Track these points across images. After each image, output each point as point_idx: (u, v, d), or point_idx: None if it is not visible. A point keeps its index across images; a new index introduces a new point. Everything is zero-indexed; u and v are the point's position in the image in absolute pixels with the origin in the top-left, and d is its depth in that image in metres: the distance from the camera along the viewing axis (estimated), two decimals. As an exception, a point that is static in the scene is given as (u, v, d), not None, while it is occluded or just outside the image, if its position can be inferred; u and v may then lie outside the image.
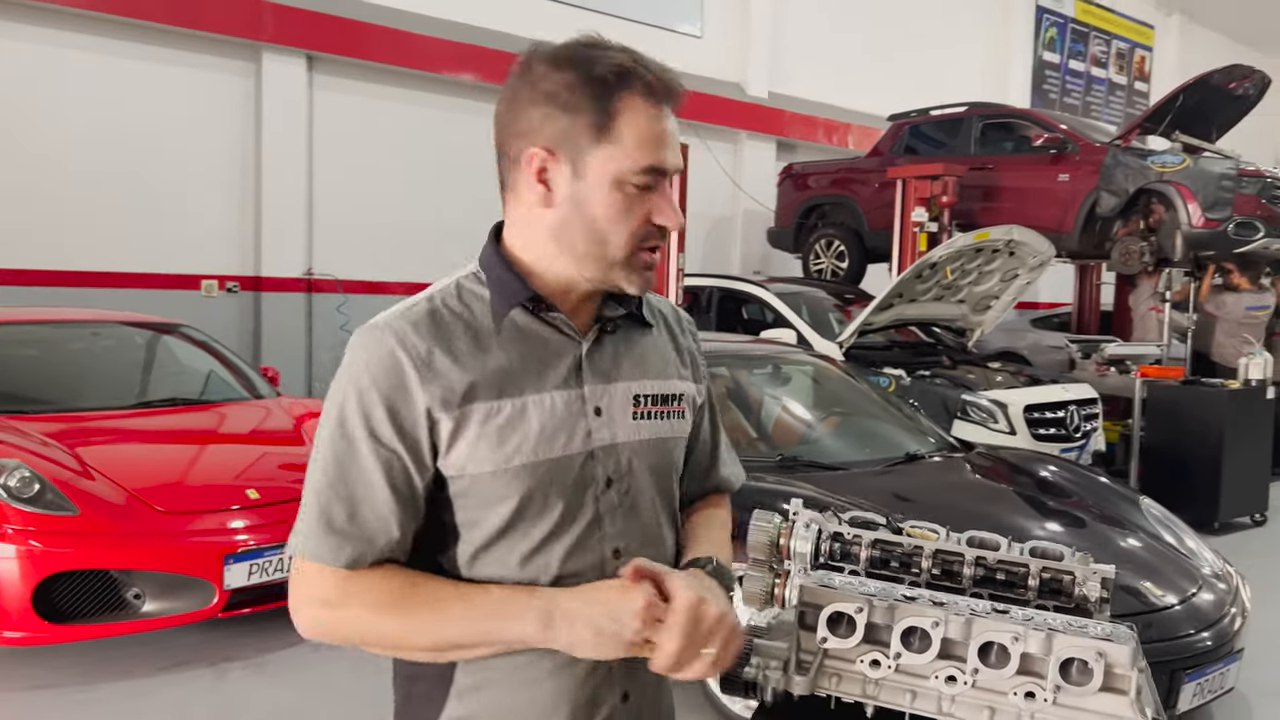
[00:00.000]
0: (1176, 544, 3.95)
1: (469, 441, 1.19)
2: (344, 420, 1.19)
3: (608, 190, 1.20)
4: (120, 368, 5.43)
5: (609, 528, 1.28)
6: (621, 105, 1.19)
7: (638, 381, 1.33)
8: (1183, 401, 6.99)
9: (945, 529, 1.65)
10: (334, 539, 1.17)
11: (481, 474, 1.20)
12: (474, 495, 1.21)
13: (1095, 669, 1.27)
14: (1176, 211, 7.84)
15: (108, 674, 3.94)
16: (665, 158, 1.22)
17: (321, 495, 1.18)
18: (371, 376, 1.19)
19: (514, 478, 1.21)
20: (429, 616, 1.18)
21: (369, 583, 1.18)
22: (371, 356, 1.20)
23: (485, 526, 1.22)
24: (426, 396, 1.18)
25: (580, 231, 1.22)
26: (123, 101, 7.61)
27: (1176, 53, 18.04)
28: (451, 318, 1.24)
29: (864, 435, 4.78)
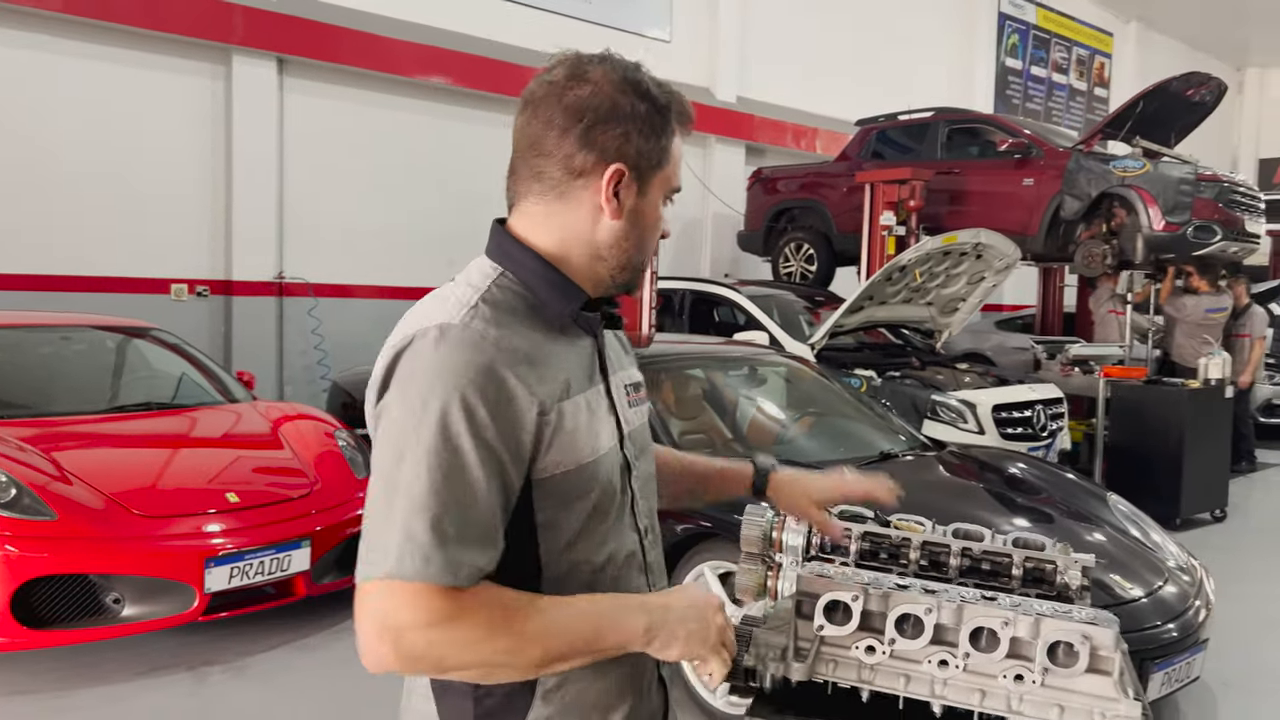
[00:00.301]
0: (1143, 538, 4.06)
1: (560, 440, 1.22)
2: (448, 427, 1.13)
3: (656, 206, 1.34)
4: (93, 372, 5.39)
5: (640, 507, 1.39)
6: (674, 131, 1.32)
7: (625, 372, 1.44)
8: (1145, 401, 7.15)
9: (931, 521, 1.72)
10: (445, 555, 1.10)
11: (569, 472, 1.24)
12: (560, 494, 1.24)
13: (1081, 651, 1.33)
14: (1138, 215, 8.01)
15: (86, 679, 3.91)
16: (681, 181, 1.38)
17: (428, 510, 1.11)
18: (472, 380, 1.15)
19: (592, 472, 1.27)
20: (541, 629, 1.15)
21: (478, 600, 1.13)
22: (467, 359, 1.16)
23: (570, 523, 1.26)
24: (530, 397, 1.19)
25: (634, 241, 1.32)
26: (90, 104, 7.54)
27: (1135, 59, 18.38)
28: (512, 318, 1.24)
29: (838, 435, 4.86)
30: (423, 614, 1.10)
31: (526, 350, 1.22)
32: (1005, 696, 1.36)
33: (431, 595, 1.10)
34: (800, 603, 1.47)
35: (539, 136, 1.27)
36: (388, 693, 1.52)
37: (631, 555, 1.36)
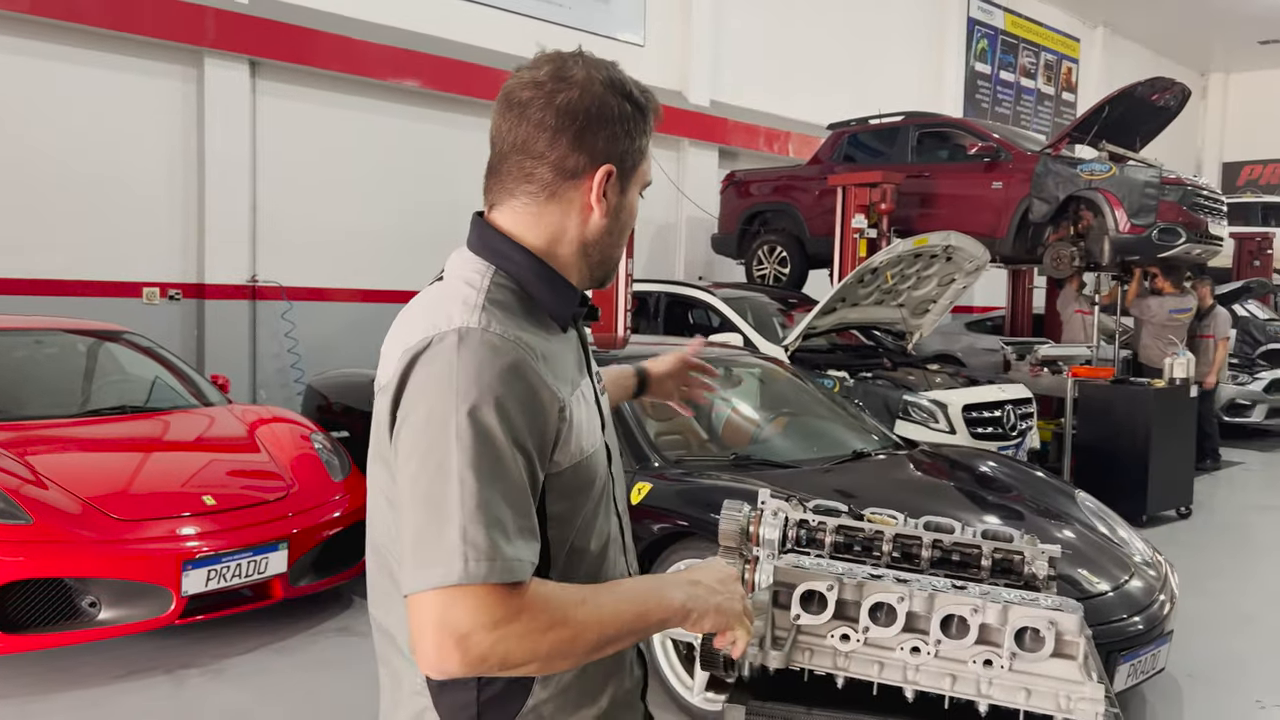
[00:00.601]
0: (1109, 534, 4.14)
1: (571, 435, 1.26)
2: (486, 431, 1.13)
3: (634, 202, 1.39)
4: (66, 376, 5.36)
5: (619, 492, 1.46)
6: (649, 130, 1.38)
7: (594, 363, 1.49)
8: (1112, 400, 7.27)
9: (903, 515, 1.77)
10: (504, 555, 1.11)
11: (577, 464, 1.28)
12: (570, 484, 1.28)
13: (1047, 637, 1.38)
14: (1104, 218, 8.14)
15: (62, 683, 3.90)
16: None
17: (482, 514, 1.11)
18: (502, 381, 1.16)
19: (593, 463, 1.32)
20: (594, 616, 1.17)
21: (535, 596, 1.14)
22: (493, 361, 1.17)
23: (572, 514, 1.30)
24: (552, 395, 1.22)
25: (616, 237, 1.38)
26: (61, 107, 7.48)
27: (1101, 64, 18.65)
28: (520, 318, 1.26)
29: (813, 434, 4.92)
30: (486, 615, 1.10)
31: (540, 349, 1.24)
32: (975, 681, 1.41)
33: (494, 596, 1.11)
34: (777, 593, 1.52)
35: (528, 139, 1.29)
36: (365, 694, 1.54)
37: (615, 539, 1.42)
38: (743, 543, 1.79)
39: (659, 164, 10.93)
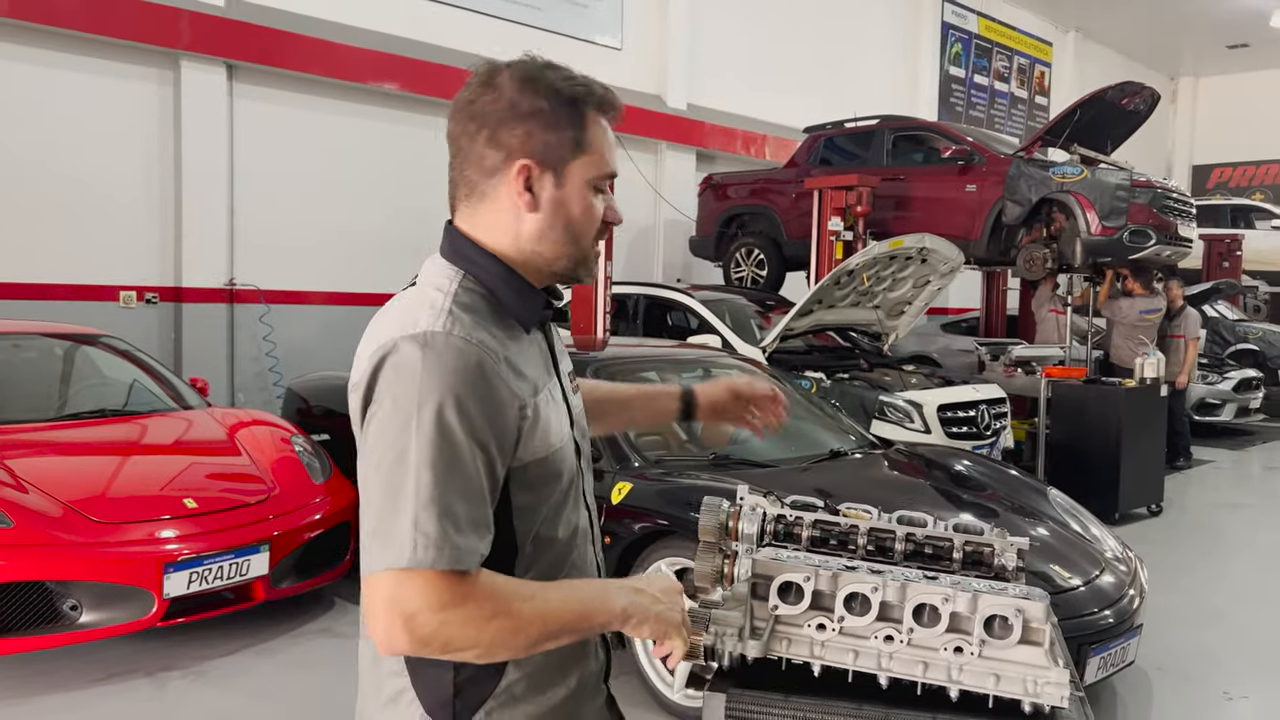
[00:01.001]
0: (1081, 530, 4.22)
1: (535, 432, 1.33)
2: (444, 426, 1.21)
3: (582, 195, 1.39)
4: (45, 379, 5.34)
5: (588, 485, 1.52)
6: (589, 120, 1.38)
7: (564, 362, 1.54)
8: (1084, 400, 7.38)
9: (877, 509, 1.82)
10: (451, 543, 1.19)
11: (542, 459, 1.35)
12: (536, 479, 1.35)
13: (1015, 624, 1.44)
14: (1076, 220, 8.27)
15: (43, 687, 3.90)
16: (617, 164, 1.44)
17: (434, 503, 1.19)
18: (464, 381, 1.23)
19: (558, 459, 1.39)
20: (537, 612, 1.25)
21: (481, 585, 1.21)
22: (455, 363, 1.24)
23: (540, 507, 1.37)
24: (514, 393, 1.29)
25: (562, 232, 1.39)
26: (37, 110, 7.44)
27: (1073, 68, 18.88)
28: (484, 321, 1.33)
29: (790, 434, 4.97)
30: (434, 598, 1.18)
31: (502, 350, 1.31)
32: (946, 667, 1.46)
33: (441, 581, 1.18)
34: (756, 585, 1.57)
35: (456, 142, 1.39)
36: (348, 694, 1.58)
37: (584, 530, 1.49)
38: (722, 538, 1.84)
39: (636, 167, 10.98)
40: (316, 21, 8.69)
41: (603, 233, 1.44)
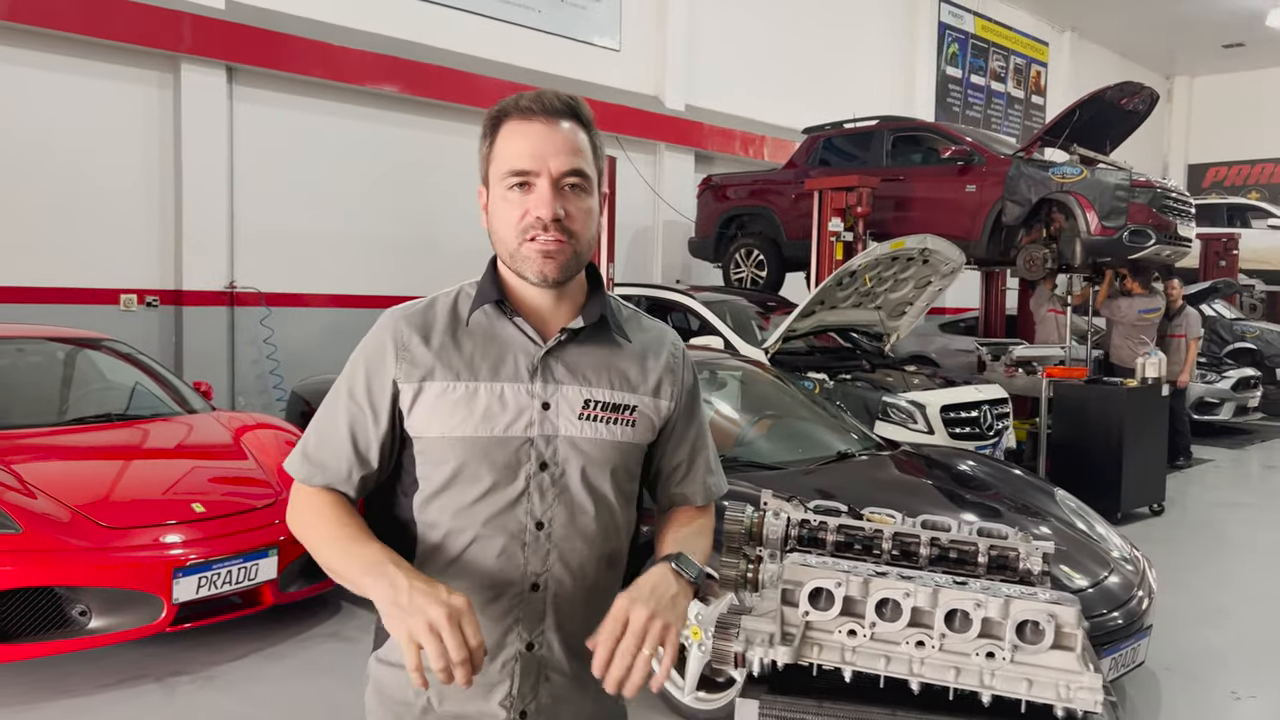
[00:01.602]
0: (1088, 531, 4.23)
1: (424, 410, 1.50)
2: (339, 381, 1.57)
3: (499, 198, 1.51)
4: (48, 383, 5.33)
5: (536, 503, 1.52)
6: (501, 131, 1.51)
7: (591, 388, 1.54)
8: (1086, 400, 7.39)
9: (901, 514, 1.83)
10: (300, 459, 1.57)
11: (432, 438, 1.50)
12: (426, 455, 1.51)
13: (1047, 629, 1.44)
14: (1076, 220, 8.28)
15: (53, 692, 3.89)
16: (529, 162, 1.47)
17: (308, 430, 1.58)
18: (365, 351, 1.55)
19: (454, 445, 1.49)
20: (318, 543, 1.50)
21: (307, 501, 1.55)
22: (373, 338, 1.55)
23: (432, 481, 1.51)
24: (395, 369, 1.51)
25: (497, 234, 1.53)
26: (38, 113, 7.42)
27: (1069, 68, 18.90)
28: (439, 312, 1.56)
29: (797, 436, 4.98)
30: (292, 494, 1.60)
31: (422, 336, 1.52)
32: (978, 673, 1.46)
33: (297, 487, 1.59)
34: (785, 591, 1.57)
35: None
36: (356, 698, 1.62)
37: (511, 535, 1.52)
38: (746, 543, 1.84)
39: (635, 168, 10.99)
40: (316, 24, 8.68)
41: (534, 227, 1.47)
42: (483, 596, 1.50)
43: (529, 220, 1.46)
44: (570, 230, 1.49)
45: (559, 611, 1.55)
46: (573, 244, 1.50)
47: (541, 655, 1.55)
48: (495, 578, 1.51)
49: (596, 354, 1.57)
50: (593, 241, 1.56)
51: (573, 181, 1.49)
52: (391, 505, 1.60)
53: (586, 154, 1.52)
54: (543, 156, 1.46)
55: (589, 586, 1.58)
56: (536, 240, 1.47)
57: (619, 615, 1.41)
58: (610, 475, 1.58)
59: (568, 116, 1.51)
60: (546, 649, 1.55)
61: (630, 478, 1.64)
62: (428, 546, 1.53)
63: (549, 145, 1.47)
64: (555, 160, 1.47)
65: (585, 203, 1.51)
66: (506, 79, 9.59)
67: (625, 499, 1.63)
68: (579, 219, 1.50)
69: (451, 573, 1.50)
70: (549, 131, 1.48)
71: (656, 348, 1.65)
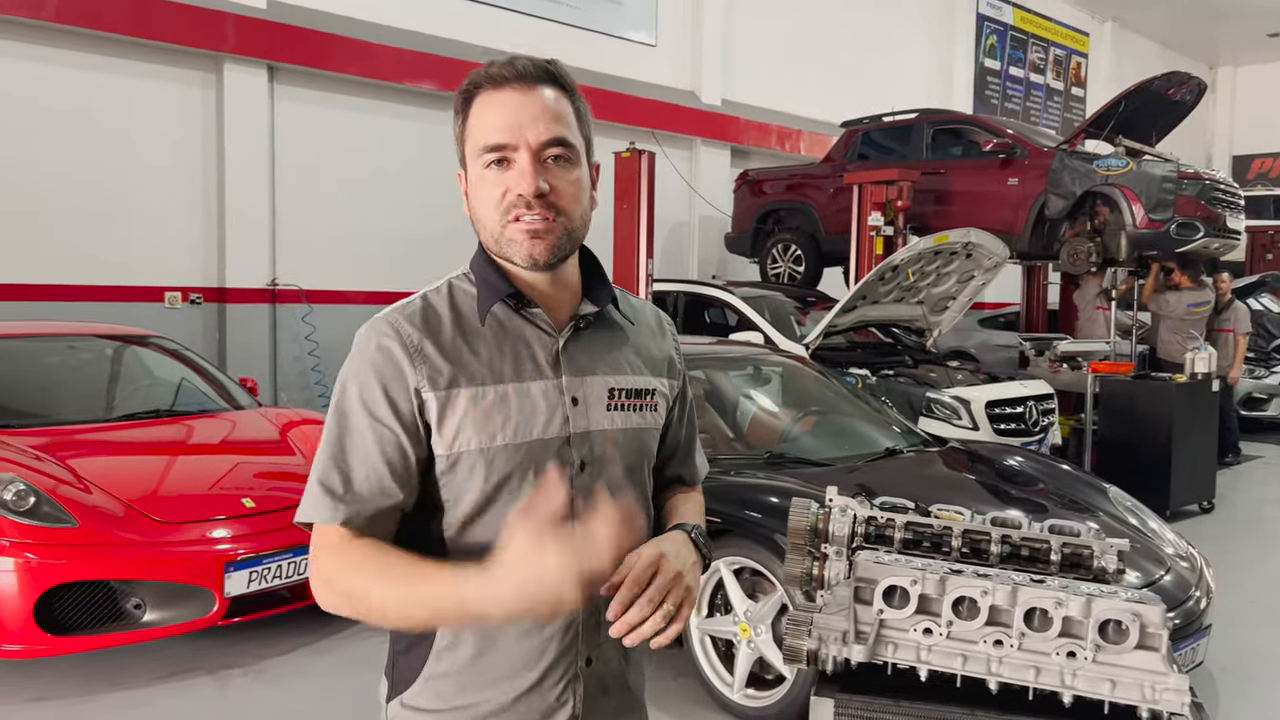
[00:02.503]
0: (1142, 528, 4.16)
1: (456, 421, 1.32)
2: (344, 399, 1.34)
3: (476, 178, 1.38)
4: (99, 380, 5.40)
5: (581, 506, 1.36)
6: (473, 105, 1.38)
7: (613, 376, 1.45)
8: (1133, 395, 7.28)
9: (970, 511, 1.80)
10: (329, 502, 1.30)
11: (468, 451, 1.32)
12: (459, 471, 1.33)
13: (1131, 629, 1.41)
14: (1121, 213, 8.15)
15: (108, 685, 3.94)
16: (505, 134, 1.34)
17: (321, 465, 1.33)
18: (369, 360, 1.34)
19: (496, 456, 1.33)
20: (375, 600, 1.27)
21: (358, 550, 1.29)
22: (370, 344, 1.35)
23: (467, 501, 1.33)
24: (415, 376, 1.32)
25: (477, 220, 1.40)
26: (84, 113, 7.53)
27: (1110, 59, 18.63)
28: (442, 311, 1.39)
29: (841, 433, 4.94)
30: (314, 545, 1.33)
31: (432, 338, 1.35)
32: (1058, 673, 1.44)
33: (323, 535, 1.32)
34: (858, 588, 1.55)
35: None
36: None
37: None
38: (811, 540, 1.82)
39: (671, 164, 10.96)
40: (355, 22, 8.73)
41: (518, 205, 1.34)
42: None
43: (510, 199, 1.33)
44: (557, 206, 1.35)
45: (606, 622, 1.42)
46: (562, 221, 1.36)
47: (599, 670, 1.43)
48: None
49: (608, 339, 1.47)
50: (586, 217, 1.41)
51: (556, 152, 1.35)
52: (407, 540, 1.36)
53: (569, 121, 1.37)
54: (519, 127, 1.33)
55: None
56: (521, 220, 1.34)
57: (650, 563, 1.29)
58: (644, 465, 1.51)
59: (545, 81, 1.36)
60: (602, 661, 1.44)
61: (651, 463, 1.54)
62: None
63: (526, 114, 1.33)
64: (534, 130, 1.33)
65: (572, 174, 1.37)
66: (544, 75, 9.58)
67: (647, 486, 1.54)
68: (566, 193, 1.36)
69: None
70: (525, 100, 1.34)
71: (657, 325, 1.58)
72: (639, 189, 7.78)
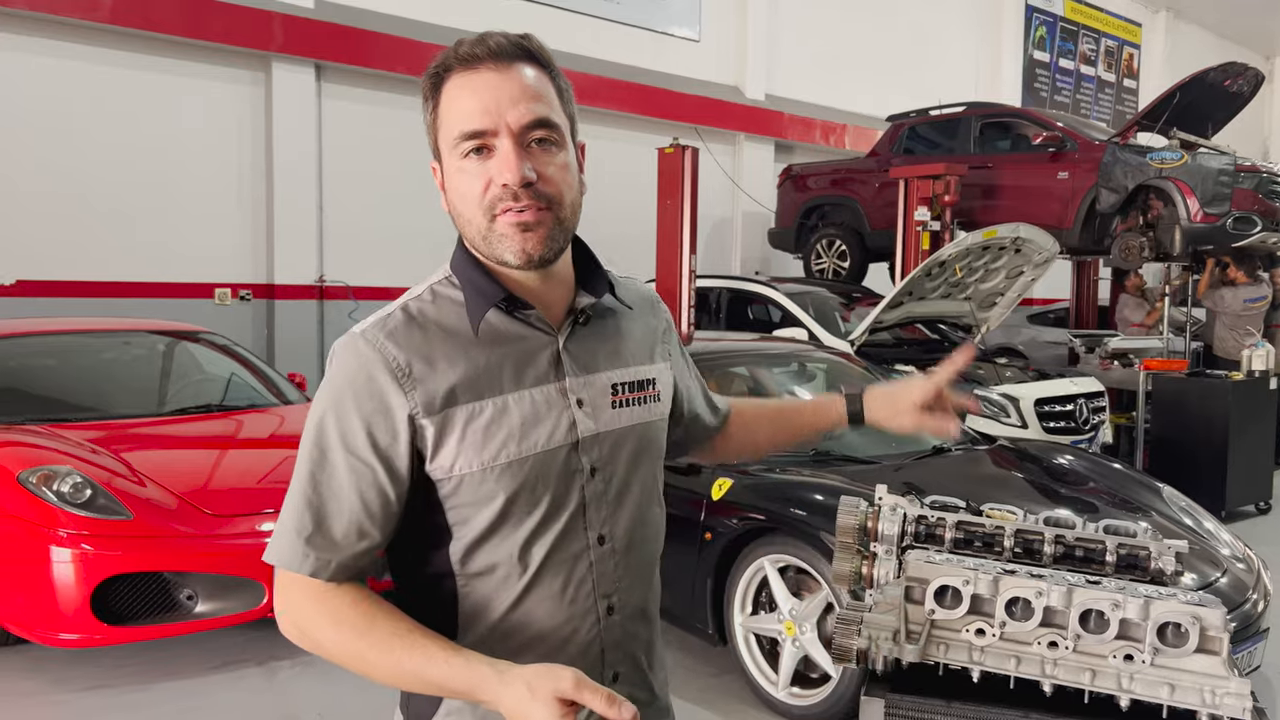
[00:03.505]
0: (1197, 529, 4.08)
1: (454, 443, 1.21)
2: (321, 433, 1.21)
3: (454, 170, 1.26)
4: (152, 375, 5.51)
5: (593, 515, 1.31)
6: (444, 90, 1.26)
7: (615, 370, 1.37)
8: (1187, 393, 7.14)
9: (1023, 510, 1.77)
10: (301, 547, 1.19)
11: (470, 474, 1.22)
12: (463, 494, 1.23)
13: (1191, 632, 1.38)
14: (1175, 207, 7.99)
15: (162, 674, 4.03)
16: (481, 119, 1.22)
17: (294, 505, 1.21)
18: (351, 389, 1.21)
19: (501, 474, 1.23)
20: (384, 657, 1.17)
21: (336, 601, 1.19)
22: (350, 369, 1.22)
23: (476, 523, 1.24)
24: (408, 404, 1.20)
25: (457, 216, 1.29)
26: (136, 113, 7.68)
27: (1163, 50, 18.27)
28: (427, 323, 1.26)
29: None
30: (282, 595, 1.23)
31: (422, 357, 1.23)
32: (1115, 676, 1.41)
33: (285, 579, 1.22)
34: (909, 588, 1.53)
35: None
36: None
37: (568, 561, 1.30)
38: (860, 539, 1.81)
39: (714, 159, 10.93)
40: (401, 20, 8.81)
41: (504, 198, 1.23)
42: (559, 636, 1.29)
43: (495, 191, 1.22)
44: (547, 195, 1.23)
45: (633, 629, 1.38)
46: (555, 211, 1.24)
47: (626, 685, 1.37)
48: (570, 611, 1.30)
49: (607, 330, 1.38)
50: (577, 204, 1.29)
51: (539, 135, 1.23)
52: (413, 565, 1.29)
53: (552, 99, 1.26)
54: (498, 110, 1.21)
55: (653, 592, 1.44)
56: (509, 213, 1.22)
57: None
58: (655, 460, 1.43)
59: (522, 58, 1.25)
60: (631, 668, 1.38)
61: (661, 456, 1.46)
62: (478, 599, 1.27)
63: (504, 95, 1.21)
64: (514, 112, 1.21)
65: (558, 158, 1.25)
66: (586, 71, 9.62)
67: (659, 480, 1.46)
68: (556, 179, 1.24)
69: (516, 621, 1.27)
70: (501, 80, 1.22)
71: (651, 308, 1.51)
72: (682, 185, 7.76)
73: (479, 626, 1.27)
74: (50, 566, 3.72)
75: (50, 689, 3.90)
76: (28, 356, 5.18)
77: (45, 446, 4.21)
